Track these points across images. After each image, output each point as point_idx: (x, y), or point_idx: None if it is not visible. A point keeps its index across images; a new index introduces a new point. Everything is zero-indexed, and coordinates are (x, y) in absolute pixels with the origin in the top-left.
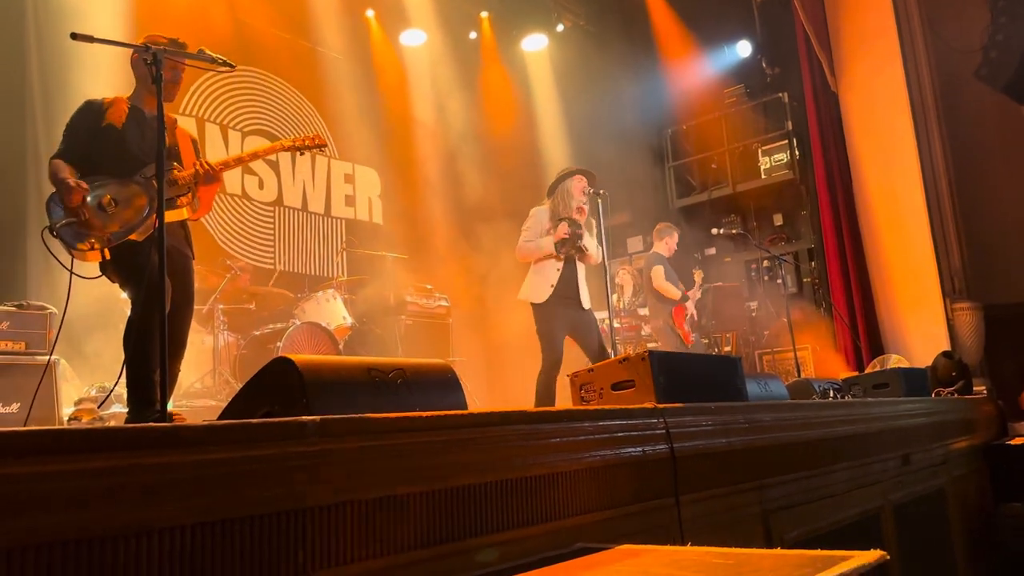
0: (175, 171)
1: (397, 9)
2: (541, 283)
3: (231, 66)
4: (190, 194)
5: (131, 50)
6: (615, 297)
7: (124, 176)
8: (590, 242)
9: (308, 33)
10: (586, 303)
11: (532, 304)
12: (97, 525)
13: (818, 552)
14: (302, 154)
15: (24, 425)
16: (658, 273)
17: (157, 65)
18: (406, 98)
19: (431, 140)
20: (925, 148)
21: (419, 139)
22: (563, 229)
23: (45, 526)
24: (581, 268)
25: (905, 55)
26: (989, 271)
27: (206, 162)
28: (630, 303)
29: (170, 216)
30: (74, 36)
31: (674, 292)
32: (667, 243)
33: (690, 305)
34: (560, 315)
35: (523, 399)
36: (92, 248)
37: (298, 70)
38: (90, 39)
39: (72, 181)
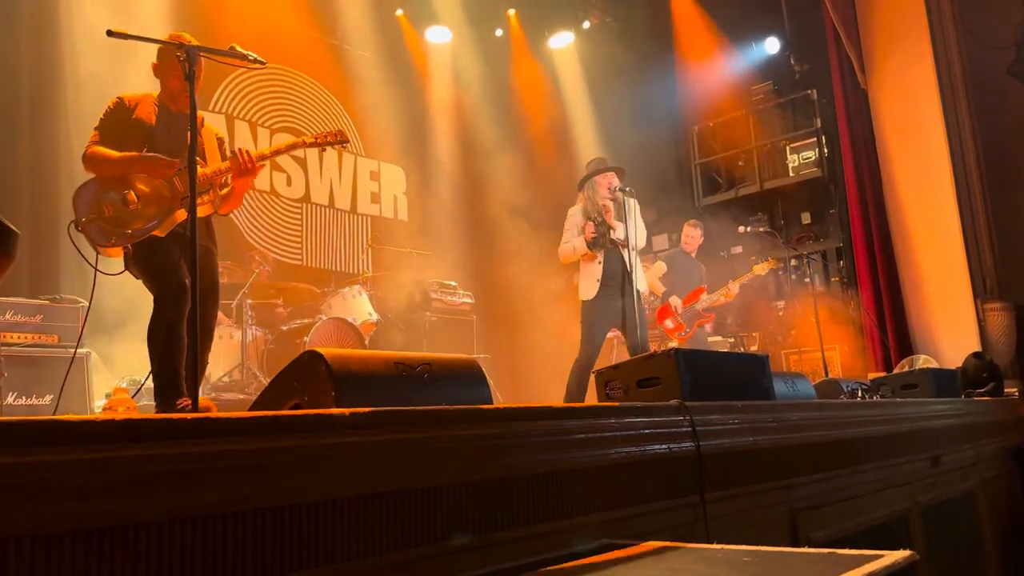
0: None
1: (424, 6)
2: (589, 280)
3: (262, 62)
4: (212, 191)
5: (154, 57)
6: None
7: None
8: (621, 229)
9: (336, 31)
10: (641, 285)
11: (582, 300)
12: (129, 514)
13: (847, 551)
14: (324, 151)
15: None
16: (653, 268)
17: (190, 61)
18: (432, 96)
19: (456, 137)
20: (956, 146)
21: (444, 136)
22: (590, 229)
23: (78, 514)
24: (627, 253)
25: (936, 51)
26: (1022, 271)
27: (245, 152)
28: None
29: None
30: (110, 33)
31: (655, 288)
32: (683, 236)
33: (674, 301)
34: (606, 309)
35: (547, 397)
36: (115, 244)
37: (326, 68)
38: (125, 36)
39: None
